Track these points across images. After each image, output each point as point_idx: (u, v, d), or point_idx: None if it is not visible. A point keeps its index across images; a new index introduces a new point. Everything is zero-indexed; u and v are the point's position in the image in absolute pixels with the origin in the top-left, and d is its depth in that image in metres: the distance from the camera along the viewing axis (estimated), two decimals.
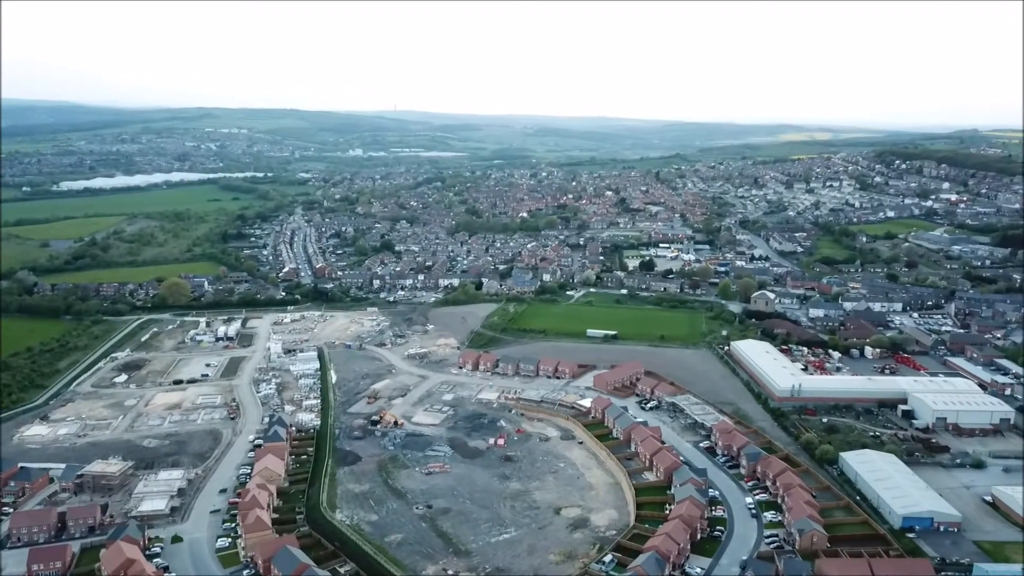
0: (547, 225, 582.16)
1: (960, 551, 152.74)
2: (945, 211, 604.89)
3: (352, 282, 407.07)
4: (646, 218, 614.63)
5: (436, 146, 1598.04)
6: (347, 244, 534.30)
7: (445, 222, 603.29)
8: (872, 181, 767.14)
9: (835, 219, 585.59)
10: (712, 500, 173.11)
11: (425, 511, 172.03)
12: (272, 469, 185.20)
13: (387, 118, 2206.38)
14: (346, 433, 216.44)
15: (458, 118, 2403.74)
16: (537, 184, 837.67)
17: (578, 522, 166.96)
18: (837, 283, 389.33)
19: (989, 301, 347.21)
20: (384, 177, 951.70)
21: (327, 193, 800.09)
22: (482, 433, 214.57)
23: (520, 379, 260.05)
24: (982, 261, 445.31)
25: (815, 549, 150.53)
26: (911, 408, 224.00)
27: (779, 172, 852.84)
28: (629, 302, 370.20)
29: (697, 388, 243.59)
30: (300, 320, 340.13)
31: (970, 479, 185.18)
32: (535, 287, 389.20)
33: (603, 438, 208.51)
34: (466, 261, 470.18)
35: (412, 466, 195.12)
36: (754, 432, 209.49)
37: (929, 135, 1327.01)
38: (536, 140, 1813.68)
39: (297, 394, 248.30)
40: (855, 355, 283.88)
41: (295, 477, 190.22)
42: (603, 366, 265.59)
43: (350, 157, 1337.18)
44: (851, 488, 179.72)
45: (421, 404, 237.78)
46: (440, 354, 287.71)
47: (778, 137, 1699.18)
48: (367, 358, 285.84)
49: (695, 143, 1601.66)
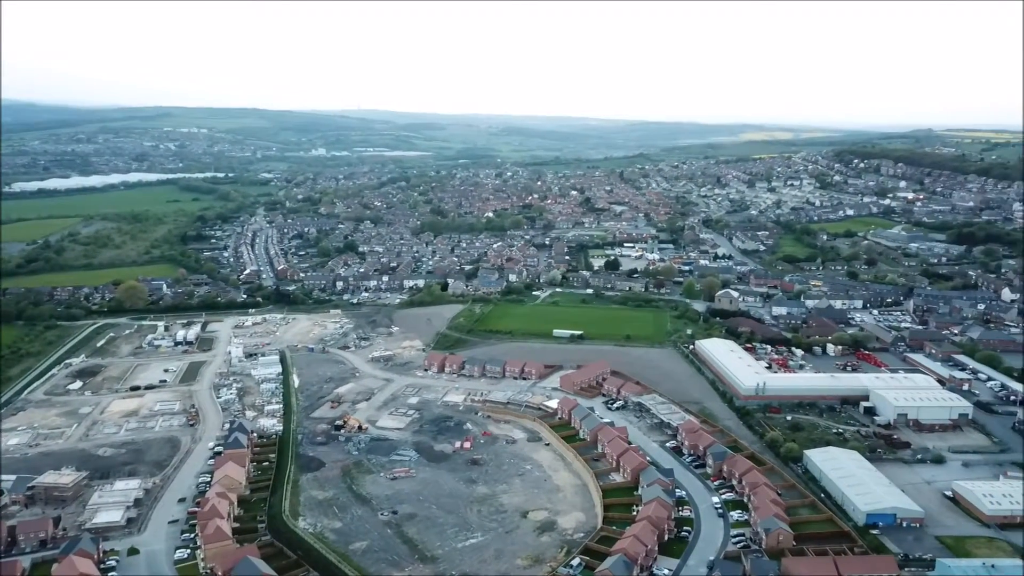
0: (513, 225, 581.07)
1: (923, 547, 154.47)
2: (902, 209, 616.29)
3: (315, 284, 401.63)
4: (611, 217, 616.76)
5: (400, 145, 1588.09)
6: (310, 245, 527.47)
7: (410, 222, 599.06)
8: (832, 180, 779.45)
9: (796, 217, 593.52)
10: (679, 500, 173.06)
11: (390, 517, 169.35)
12: (233, 477, 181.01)
13: (351, 117, 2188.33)
14: (309, 438, 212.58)
15: (422, 117, 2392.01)
16: (502, 184, 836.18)
17: (545, 525, 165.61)
18: (799, 281, 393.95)
19: (946, 298, 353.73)
20: (347, 177, 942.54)
21: (289, 193, 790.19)
22: (448, 436, 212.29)
23: (486, 381, 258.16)
24: (939, 258, 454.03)
25: (781, 548, 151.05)
26: (873, 405, 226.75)
27: (741, 171, 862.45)
28: (595, 302, 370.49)
29: (663, 387, 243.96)
30: (262, 323, 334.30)
31: (931, 474, 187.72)
32: (501, 287, 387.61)
33: (570, 439, 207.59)
34: (431, 262, 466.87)
35: (377, 471, 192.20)
36: (720, 431, 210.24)
37: (886, 134, 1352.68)
38: (501, 139, 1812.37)
39: (259, 399, 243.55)
40: (817, 352, 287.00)
41: (257, 485, 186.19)
42: (569, 366, 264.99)
43: (313, 157, 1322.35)
44: (816, 486, 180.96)
45: (386, 408, 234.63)
46: (405, 356, 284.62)
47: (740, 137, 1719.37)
48: (330, 361, 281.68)
49: (658, 143, 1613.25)
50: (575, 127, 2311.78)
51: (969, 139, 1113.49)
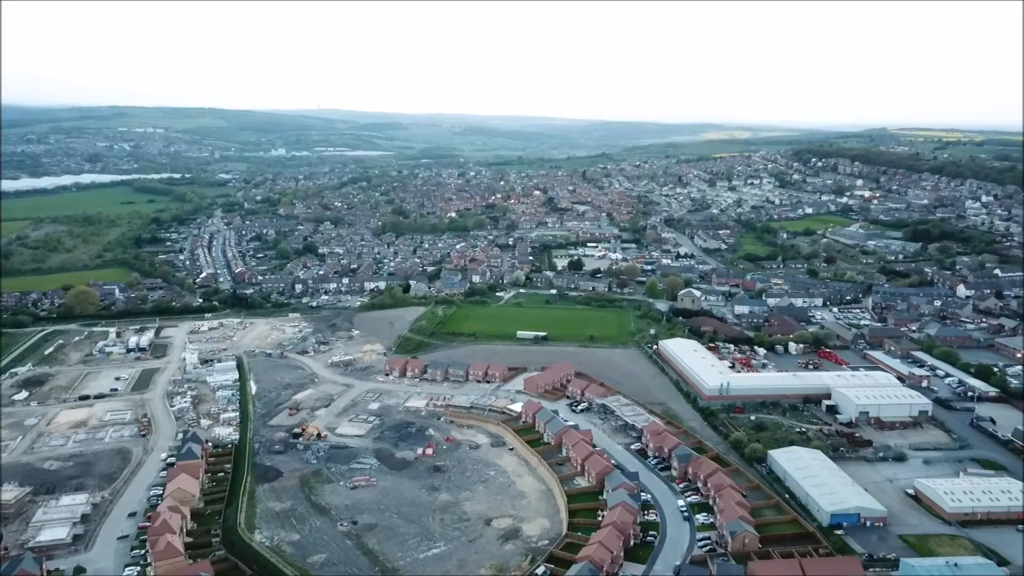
0: (476, 225, 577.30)
1: (886, 546, 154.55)
2: (859, 207, 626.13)
3: (273, 287, 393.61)
4: (574, 217, 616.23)
5: (362, 145, 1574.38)
6: (268, 247, 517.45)
7: (371, 223, 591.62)
8: (791, 178, 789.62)
9: (757, 216, 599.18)
10: (644, 504, 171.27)
11: (350, 528, 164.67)
12: (186, 489, 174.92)
13: (311, 117, 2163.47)
14: (266, 447, 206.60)
15: (384, 117, 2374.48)
16: (465, 184, 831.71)
17: (509, 533, 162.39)
18: (760, 279, 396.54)
19: (903, 295, 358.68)
20: (308, 177, 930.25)
21: (248, 194, 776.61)
22: (410, 443, 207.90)
23: (449, 385, 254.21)
24: (895, 256, 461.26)
25: (747, 551, 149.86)
26: (835, 403, 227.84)
27: (702, 170, 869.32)
28: (559, 302, 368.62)
29: (627, 388, 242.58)
30: (218, 328, 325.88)
31: (893, 472, 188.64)
32: (464, 289, 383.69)
33: (534, 443, 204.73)
34: (393, 263, 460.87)
35: (336, 480, 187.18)
36: (684, 432, 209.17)
37: (842, 134, 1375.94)
38: (464, 139, 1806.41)
39: (214, 407, 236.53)
40: (779, 351, 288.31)
41: (211, 496, 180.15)
42: (534, 368, 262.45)
43: (272, 157, 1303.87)
44: (780, 486, 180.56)
45: (346, 414, 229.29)
46: (366, 361, 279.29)
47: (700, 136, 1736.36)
48: (289, 367, 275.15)
49: (620, 142, 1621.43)
50: (538, 127, 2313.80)
51: (922, 138, 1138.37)
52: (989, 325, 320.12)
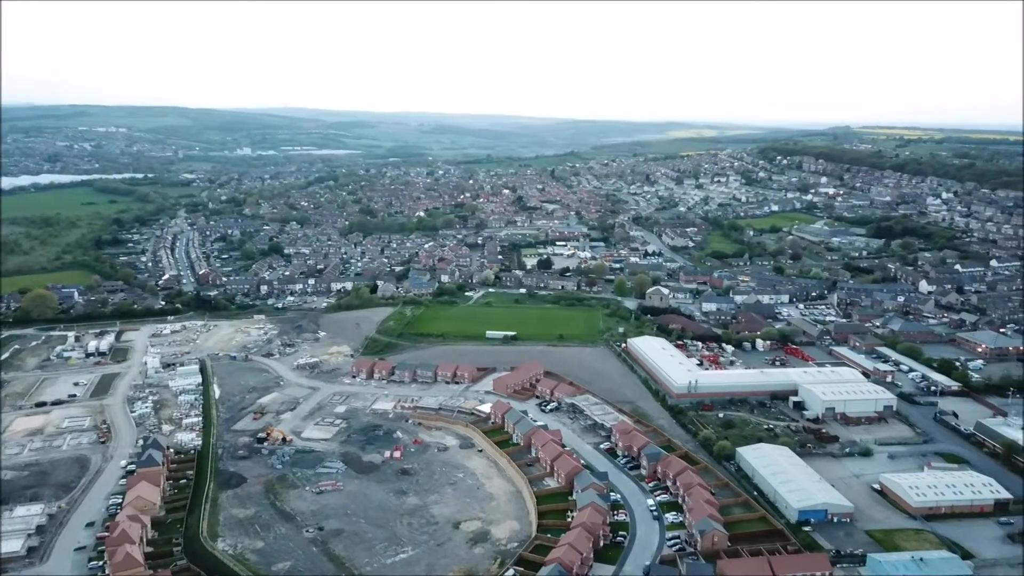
0: (445, 224, 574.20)
1: (853, 542, 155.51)
2: (824, 204, 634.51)
3: (238, 288, 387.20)
4: (543, 216, 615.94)
5: (329, 144, 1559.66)
6: (233, 248, 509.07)
7: (338, 223, 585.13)
8: (757, 176, 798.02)
9: (724, 214, 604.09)
10: (614, 504, 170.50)
11: (316, 534, 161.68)
12: (146, 497, 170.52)
13: (277, 115, 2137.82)
14: (230, 453, 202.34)
15: (352, 115, 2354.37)
16: (434, 182, 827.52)
17: (478, 536, 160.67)
18: (728, 277, 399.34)
19: (867, 291, 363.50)
20: (274, 177, 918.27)
21: (212, 194, 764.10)
22: (377, 446, 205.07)
23: (417, 386, 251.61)
24: (859, 252, 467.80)
25: (716, 549, 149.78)
26: (802, 399, 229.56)
27: (669, 169, 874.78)
28: (528, 301, 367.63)
29: (596, 387, 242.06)
30: (181, 331, 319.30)
31: (859, 468, 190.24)
32: (433, 289, 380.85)
33: (503, 444, 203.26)
34: (360, 263, 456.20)
35: (302, 485, 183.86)
36: (653, 431, 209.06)
37: (806, 132, 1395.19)
38: (432, 138, 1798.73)
39: (176, 412, 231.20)
40: (747, 348, 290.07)
41: (173, 504, 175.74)
42: (503, 368, 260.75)
43: (238, 156, 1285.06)
44: (749, 483, 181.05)
45: (312, 418, 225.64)
46: (332, 363, 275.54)
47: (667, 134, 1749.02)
48: (254, 370, 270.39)
49: (588, 141, 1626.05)
50: (507, 125, 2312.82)
51: (884, 136, 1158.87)
52: (951, 320, 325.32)
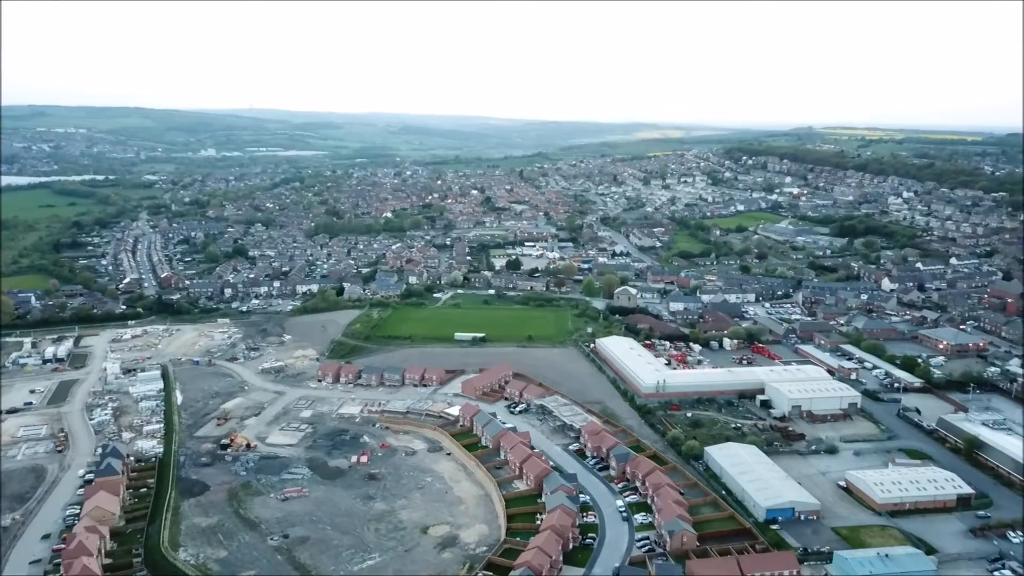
0: (412, 225, 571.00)
1: (820, 539, 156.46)
2: (789, 204, 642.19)
3: (201, 292, 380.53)
4: (511, 217, 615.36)
5: (295, 145, 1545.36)
6: (197, 251, 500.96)
7: (304, 224, 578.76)
8: (723, 176, 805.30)
9: (690, 214, 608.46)
10: (583, 506, 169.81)
11: (281, 542, 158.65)
12: (105, 507, 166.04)
13: (242, 116, 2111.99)
14: (192, 460, 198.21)
15: (318, 116, 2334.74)
16: (401, 183, 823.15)
17: (447, 541, 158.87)
18: (694, 276, 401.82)
19: (832, 289, 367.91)
20: (238, 178, 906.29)
21: (176, 196, 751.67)
22: (344, 451, 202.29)
23: (385, 390, 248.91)
24: (823, 251, 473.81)
25: (686, 550, 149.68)
26: (769, 398, 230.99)
27: (636, 169, 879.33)
28: (497, 302, 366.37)
29: (565, 388, 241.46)
30: (142, 336, 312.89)
31: (825, 465, 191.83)
32: (400, 290, 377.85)
33: (472, 447, 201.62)
34: (326, 265, 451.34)
35: (267, 492, 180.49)
36: (622, 431, 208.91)
37: (771, 132, 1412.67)
38: (400, 138, 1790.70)
39: (137, 419, 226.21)
40: (714, 347, 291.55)
41: (133, 514, 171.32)
42: (472, 370, 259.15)
43: (202, 158, 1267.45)
44: (717, 482, 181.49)
45: (277, 423, 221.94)
46: (298, 367, 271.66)
47: (634, 135, 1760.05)
48: (217, 375, 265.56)
49: (556, 142, 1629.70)
50: (475, 126, 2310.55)
51: (846, 136, 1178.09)
52: (912, 317, 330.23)
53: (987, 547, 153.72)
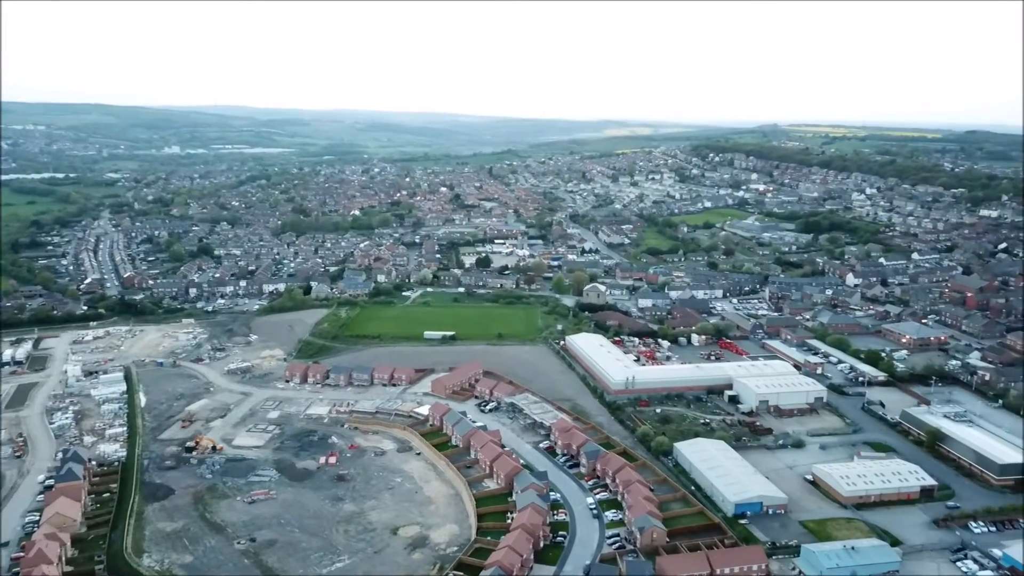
0: (381, 223, 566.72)
1: (788, 533, 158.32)
2: (755, 200, 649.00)
3: (165, 291, 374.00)
4: (481, 214, 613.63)
5: (261, 142, 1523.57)
6: (160, 250, 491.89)
7: (270, 222, 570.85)
8: (690, 173, 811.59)
9: (658, 211, 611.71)
10: (554, 504, 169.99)
11: (248, 545, 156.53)
12: (65, 514, 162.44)
13: (207, 113, 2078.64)
14: (157, 463, 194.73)
15: (285, 113, 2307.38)
16: (370, 180, 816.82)
17: (417, 541, 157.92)
18: (663, 273, 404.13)
19: (797, 284, 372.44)
20: (203, 176, 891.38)
21: (139, 194, 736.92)
22: (312, 452, 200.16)
23: (353, 390, 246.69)
24: (789, 247, 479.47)
25: (656, 546, 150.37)
26: (736, 393, 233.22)
27: (605, 166, 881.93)
28: (467, 300, 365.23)
29: (536, 385, 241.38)
30: (104, 337, 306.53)
31: (792, 459, 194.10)
32: (369, 289, 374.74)
33: (442, 447, 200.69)
34: (293, 264, 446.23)
35: (233, 495, 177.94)
36: (592, 428, 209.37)
37: (737, 129, 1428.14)
38: (368, 135, 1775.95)
39: (99, 422, 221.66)
40: (683, 343, 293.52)
41: (95, 520, 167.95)
42: (441, 369, 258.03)
43: (166, 155, 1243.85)
44: (686, 478, 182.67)
45: (243, 424, 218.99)
46: (265, 367, 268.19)
47: (603, 133, 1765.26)
48: (182, 376, 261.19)
49: (526, 139, 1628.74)
50: (444, 123, 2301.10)
51: (811, 133, 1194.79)
52: (876, 312, 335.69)
53: (950, 538, 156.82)
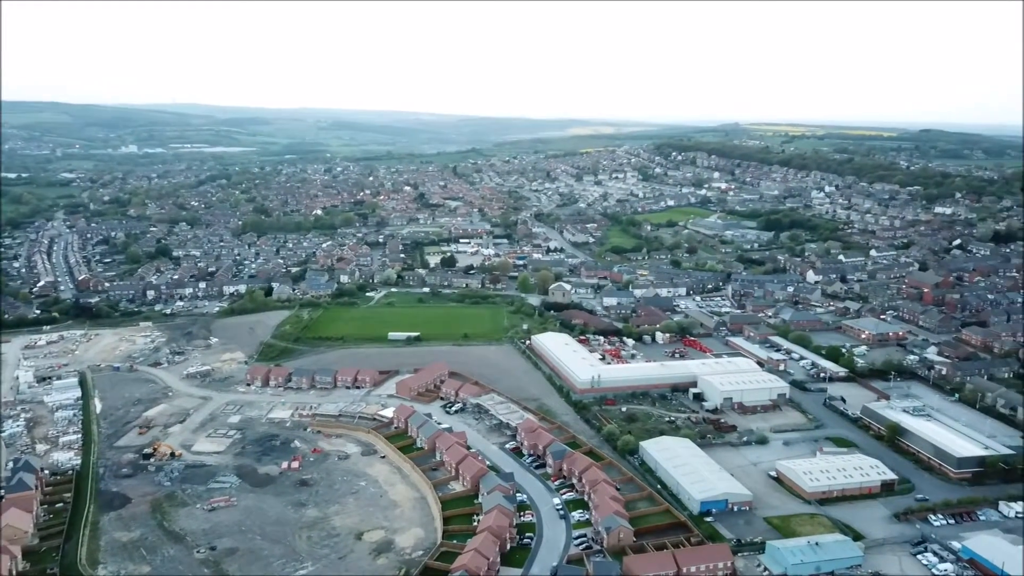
0: (344, 223, 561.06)
1: (753, 530, 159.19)
2: (717, 199, 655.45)
3: (122, 294, 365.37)
4: (446, 213, 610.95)
5: (221, 141, 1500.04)
6: (117, 251, 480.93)
7: (231, 223, 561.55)
8: (653, 172, 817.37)
9: (622, 209, 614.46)
10: (520, 505, 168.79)
11: (208, 554, 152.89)
12: (16, 525, 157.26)
13: (166, 111, 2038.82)
14: (113, 471, 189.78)
15: (246, 111, 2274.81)
16: (332, 179, 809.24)
17: (382, 546, 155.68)
18: (627, 271, 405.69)
19: (760, 282, 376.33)
20: (162, 175, 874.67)
21: (94, 195, 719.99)
22: (274, 457, 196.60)
23: (316, 393, 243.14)
24: (751, 244, 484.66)
25: (623, 546, 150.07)
26: (701, 391, 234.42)
27: (569, 165, 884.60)
28: (432, 300, 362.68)
29: (502, 386, 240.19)
30: (58, 341, 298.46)
31: (756, 456, 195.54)
32: (332, 290, 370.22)
33: (406, 449, 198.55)
34: (254, 265, 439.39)
35: (193, 503, 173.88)
36: (559, 428, 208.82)
37: (698, 128, 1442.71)
38: (330, 134, 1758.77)
39: (53, 430, 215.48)
40: (647, 341, 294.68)
41: (48, 531, 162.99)
42: (406, 371, 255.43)
43: (122, 154, 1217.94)
44: (652, 477, 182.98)
45: (203, 429, 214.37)
46: (225, 371, 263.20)
47: (567, 131, 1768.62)
48: (139, 381, 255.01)
49: (490, 138, 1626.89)
50: (407, 122, 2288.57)
51: (771, 132, 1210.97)
52: (836, 308, 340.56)
53: (910, 531, 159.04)
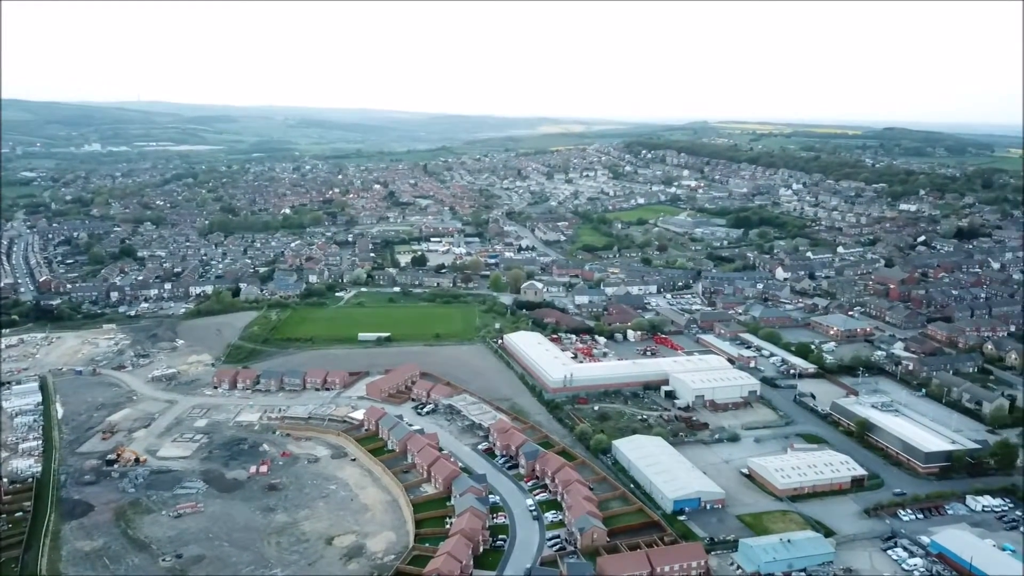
0: (312, 222, 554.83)
1: (726, 528, 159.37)
2: (687, 196, 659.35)
3: (85, 296, 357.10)
4: (416, 212, 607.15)
5: (188, 139, 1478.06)
6: (80, 252, 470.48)
7: (197, 222, 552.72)
8: (623, 170, 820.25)
9: (593, 207, 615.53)
10: (493, 507, 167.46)
11: (174, 562, 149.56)
12: None
13: (130, 109, 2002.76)
14: (75, 478, 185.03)
15: (212, 109, 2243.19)
16: (301, 178, 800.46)
17: (353, 551, 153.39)
18: (598, 269, 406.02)
19: (730, 279, 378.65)
20: (126, 174, 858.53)
21: (56, 194, 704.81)
22: (242, 461, 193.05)
23: (285, 395, 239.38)
24: (721, 242, 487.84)
25: (596, 546, 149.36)
26: (673, 389, 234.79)
27: (540, 163, 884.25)
28: (403, 300, 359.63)
29: (474, 386, 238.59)
30: (18, 345, 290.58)
31: (728, 453, 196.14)
32: (300, 290, 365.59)
33: (377, 452, 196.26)
34: (221, 265, 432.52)
35: (158, 509, 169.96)
36: (531, 427, 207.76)
37: (668, 127, 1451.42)
38: (299, 132, 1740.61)
39: (12, 436, 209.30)
40: (619, 339, 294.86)
41: (7, 542, 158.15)
42: (377, 372, 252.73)
43: (85, 153, 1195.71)
44: (625, 476, 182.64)
45: (169, 434, 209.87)
46: (191, 373, 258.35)
47: (537, 130, 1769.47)
48: (103, 385, 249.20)
49: (461, 136, 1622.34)
50: (376, 119, 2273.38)
51: (739, 130, 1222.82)
52: (805, 305, 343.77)
53: (880, 526, 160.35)
